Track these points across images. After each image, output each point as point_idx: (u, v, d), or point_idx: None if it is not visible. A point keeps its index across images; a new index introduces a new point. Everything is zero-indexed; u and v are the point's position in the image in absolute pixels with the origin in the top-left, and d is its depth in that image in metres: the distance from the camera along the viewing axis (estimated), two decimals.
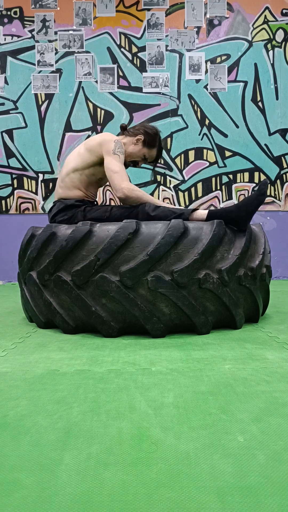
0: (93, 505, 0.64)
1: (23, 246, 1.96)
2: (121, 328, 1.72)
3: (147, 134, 2.11)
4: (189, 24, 3.79)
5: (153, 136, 2.12)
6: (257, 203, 1.79)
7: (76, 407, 1.00)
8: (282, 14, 3.80)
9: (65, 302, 1.74)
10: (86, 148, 2.03)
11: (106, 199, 3.83)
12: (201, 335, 1.72)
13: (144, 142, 2.11)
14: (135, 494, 0.66)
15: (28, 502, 0.65)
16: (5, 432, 0.88)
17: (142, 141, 2.11)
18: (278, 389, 1.10)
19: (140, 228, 1.69)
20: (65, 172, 2.07)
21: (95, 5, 3.76)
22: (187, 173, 3.84)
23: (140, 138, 2.11)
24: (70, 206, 2.02)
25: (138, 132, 2.12)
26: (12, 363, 1.36)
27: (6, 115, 3.80)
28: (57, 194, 2.12)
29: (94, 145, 2.01)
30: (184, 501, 0.64)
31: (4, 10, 3.77)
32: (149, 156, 2.16)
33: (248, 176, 3.84)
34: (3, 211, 3.82)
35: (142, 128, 2.13)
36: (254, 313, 1.91)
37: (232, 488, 0.67)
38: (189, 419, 0.93)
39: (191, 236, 1.68)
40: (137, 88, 3.80)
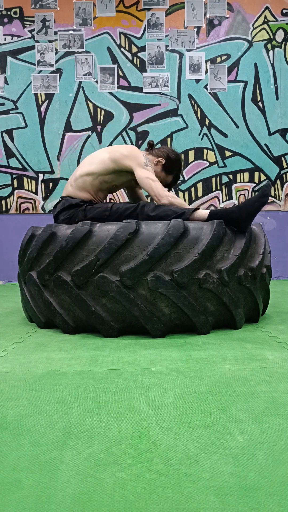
0: (93, 505, 0.64)
1: (23, 246, 1.96)
2: (121, 328, 1.72)
3: (168, 159, 2.16)
4: (189, 24, 3.79)
5: (174, 163, 2.17)
6: (258, 205, 1.79)
7: (76, 407, 1.00)
8: (282, 14, 3.80)
9: (65, 302, 1.74)
10: (111, 157, 2.05)
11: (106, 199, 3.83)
12: (201, 335, 1.72)
13: (164, 166, 2.16)
14: (135, 494, 0.66)
15: (28, 502, 0.65)
16: (5, 432, 0.88)
17: (162, 164, 2.16)
18: (278, 389, 1.10)
19: (140, 228, 1.69)
20: (79, 173, 2.09)
21: (95, 5, 3.76)
22: (187, 173, 3.84)
23: (161, 161, 2.15)
24: (74, 205, 2.02)
25: (161, 154, 2.16)
26: (12, 363, 1.36)
27: (6, 115, 3.80)
28: (66, 191, 2.13)
29: (121, 157, 2.04)
30: (184, 501, 0.64)
31: (4, 10, 3.77)
32: (164, 180, 2.20)
33: (248, 176, 3.84)
34: (3, 211, 3.82)
35: (166, 151, 2.18)
36: (254, 313, 1.91)
37: (232, 488, 0.67)
38: (189, 419, 0.93)
39: (191, 236, 1.68)
40: (137, 88, 3.80)
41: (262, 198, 1.79)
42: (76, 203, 2.02)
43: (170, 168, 2.18)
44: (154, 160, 2.15)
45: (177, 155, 2.20)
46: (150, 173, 2.01)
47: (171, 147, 2.26)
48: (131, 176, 2.09)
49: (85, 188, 2.08)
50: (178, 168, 2.21)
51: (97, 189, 2.10)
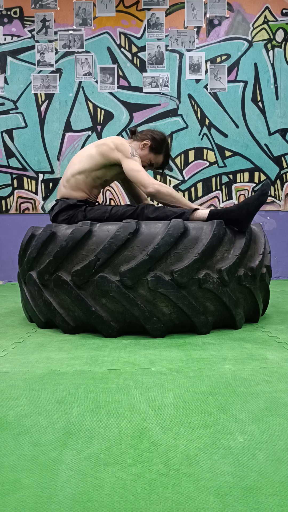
0: (93, 505, 0.64)
1: (23, 246, 1.96)
2: (121, 328, 1.72)
3: (154, 139, 2.12)
4: (189, 24, 3.79)
5: (160, 142, 2.13)
6: (258, 203, 1.79)
7: (76, 407, 1.00)
8: (282, 14, 3.79)
9: (65, 302, 1.74)
10: (99, 152, 2.03)
11: (106, 199, 3.83)
12: (201, 335, 1.72)
13: (151, 147, 2.12)
14: (135, 494, 0.66)
15: (28, 502, 0.65)
16: (5, 432, 0.88)
17: (148, 146, 2.11)
18: (278, 389, 1.10)
19: (140, 228, 1.69)
20: (70, 173, 2.07)
21: (95, 5, 3.76)
22: (187, 173, 3.84)
23: (147, 143, 2.11)
24: (72, 206, 2.02)
25: (145, 137, 2.13)
26: (12, 363, 1.36)
27: (6, 115, 3.79)
28: (60, 192, 2.12)
29: (108, 150, 2.02)
30: (184, 501, 0.64)
31: (4, 10, 3.77)
32: (155, 162, 2.16)
33: (248, 176, 3.84)
34: (3, 211, 3.82)
35: (149, 133, 2.14)
36: (254, 313, 1.91)
37: (232, 488, 0.67)
38: (189, 419, 0.93)
39: (191, 236, 1.68)
40: (137, 88, 3.80)
41: (261, 197, 1.79)
42: (73, 203, 2.01)
43: (158, 148, 2.13)
44: (139, 145, 2.12)
45: (162, 134, 2.16)
46: (134, 164, 1.98)
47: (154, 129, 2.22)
48: (121, 168, 2.06)
49: (79, 187, 2.06)
50: (165, 146, 2.16)
51: (91, 187, 2.09)
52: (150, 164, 2.17)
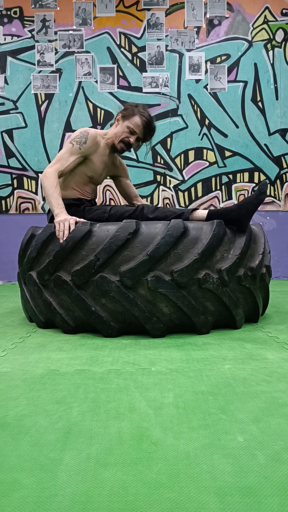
0: (93, 505, 0.64)
1: (23, 246, 1.96)
2: (121, 328, 1.72)
3: (123, 109, 2.07)
4: (189, 24, 3.79)
5: (130, 108, 2.05)
6: (257, 202, 1.80)
7: (76, 407, 1.00)
8: (282, 14, 3.80)
9: (65, 302, 1.74)
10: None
11: (106, 199, 3.83)
12: (201, 335, 1.72)
13: (123, 116, 2.04)
14: (135, 494, 0.66)
15: (28, 502, 0.65)
16: (5, 432, 0.88)
17: (121, 117, 2.06)
18: (278, 389, 1.10)
19: (140, 228, 1.68)
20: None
21: (95, 5, 3.76)
22: (187, 173, 3.84)
23: (118, 117, 2.07)
24: (67, 206, 2.02)
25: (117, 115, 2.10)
26: (12, 363, 1.36)
27: (6, 115, 3.79)
28: None
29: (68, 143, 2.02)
30: (184, 501, 0.64)
31: (4, 10, 3.77)
32: (134, 125, 2.02)
33: (248, 176, 3.84)
34: (3, 211, 3.82)
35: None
36: (254, 313, 1.91)
37: (232, 488, 0.67)
38: (189, 419, 0.93)
39: (191, 236, 1.68)
40: (137, 88, 3.80)
41: (260, 196, 1.80)
42: (69, 203, 2.01)
43: (129, 112, 2.03)
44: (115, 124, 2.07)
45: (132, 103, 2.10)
46: (61, 151, 1.99)
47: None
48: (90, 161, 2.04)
49: (68, 186, 2.06)
50: (137, 108, 2.04)
51: (80, 183, 2.07)
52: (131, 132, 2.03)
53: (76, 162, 1.99)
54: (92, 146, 2.00)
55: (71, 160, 1.97)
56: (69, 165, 1.97)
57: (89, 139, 1.98)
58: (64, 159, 1.96)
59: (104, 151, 2.08)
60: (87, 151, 1.99)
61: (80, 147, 1.97)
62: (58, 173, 1.94)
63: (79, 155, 1.98)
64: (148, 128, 2.04)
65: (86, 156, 2.01)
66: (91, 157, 2.03)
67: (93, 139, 2.00)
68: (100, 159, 2.07)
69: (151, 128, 2.06)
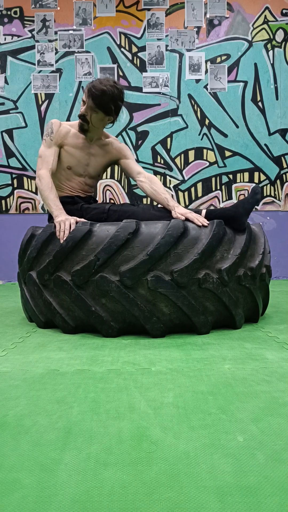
0: (93, 505, 0.64)
1: (23, 246, 1.96)
2: (121, 328, 1.72)
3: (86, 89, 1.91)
4: (189, 24, 3.79)
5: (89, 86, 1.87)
6: (253, 201, 1.84)
7: (76, 407, 1.00)
8: (282, 14, 3.80)
9: (65, 302, 1.74)
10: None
11: (106, 199, 3.83)
12: (201, 335, 1.72)
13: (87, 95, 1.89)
14: (134, 494, 0.66)
15: (28, 502, 0.65)
16: (5, 432, 0.88)
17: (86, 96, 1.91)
18: (278, 389, 1.10)
19: (140, 228, 1.69)
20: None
21: (95, 5, 3.76)
22: (187, 173, 3.84)
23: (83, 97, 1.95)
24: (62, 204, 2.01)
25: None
26: (12, 363, 1.36)
27: (6, 115, 3.79)
28: None
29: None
30: (183, 501, 0.64)
31: (4, 10, 3.77)
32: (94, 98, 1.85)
33: (248, 176, 3.84)
34: (3, 211, 3.82)
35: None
36: (253, 313, 1.91)
37: (232, 488, 0.67)
38: (188, 419, 0.93)
39: (191, 236, 1.68)
40: (137, 88, 3.80)
41: (255, 195, 1.85)
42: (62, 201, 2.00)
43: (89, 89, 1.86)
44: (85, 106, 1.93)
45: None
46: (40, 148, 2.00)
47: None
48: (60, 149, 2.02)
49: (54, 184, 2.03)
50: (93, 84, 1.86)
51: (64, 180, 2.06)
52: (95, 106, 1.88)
53: (56, 153, 1.99)
54: (59, 131, 1.98)
55: (52, 153, 1.97)
56: (54, 159, 1.98)
57: (53, 127, 1.98)
58: (47, 157, 1.96)
59: (76, 138, 2.02)
60: (58, 138, 1.98)
61: (51, 138, 1.98)
62: (49, 172, 1.95)
63: (54, 146, 1.98)
64: (93, 93, 1.83)
65: (60, 145, 2.00)
66: (63, 146, 2.01)
67: (57, 126, 1.98)
68: (74, 146, 2.02)
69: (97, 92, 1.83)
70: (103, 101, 1.85)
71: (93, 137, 2.04)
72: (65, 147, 2.01)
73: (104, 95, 1.84)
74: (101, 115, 1.93)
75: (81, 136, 2.03)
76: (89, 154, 2.07)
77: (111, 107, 1.88)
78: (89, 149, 2.06)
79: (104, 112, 1.90)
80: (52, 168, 1.97)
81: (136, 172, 2.08)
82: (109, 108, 1.88)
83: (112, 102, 1.87)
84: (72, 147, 2.02)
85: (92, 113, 1.92)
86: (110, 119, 1.98)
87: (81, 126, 1.97)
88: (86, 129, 1.98)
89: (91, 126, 1.97)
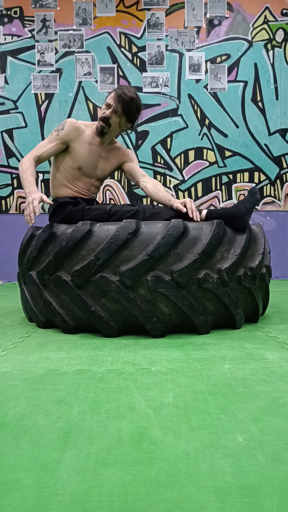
0: (93, 505, 0.64)
1: (23, 246, 1.96)
2: (121, 328, 1.72)
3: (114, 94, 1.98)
4: (189, 24, 3.79)
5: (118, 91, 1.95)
6: (253, 200, 1.85)
7: (76, 407, 1.00)
8: (282, 14, 3.79)
9: (65, 302, 1.74)
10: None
11: (106, 199, 3.83)
12: (201, 335, 1.72)
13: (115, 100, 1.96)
14: (134, 494, 0.66)
15: (27, 502, 0.65)
16: (5, 432, 0.88)
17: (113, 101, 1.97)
18: (278, 389, 1.10)
19: (140, 228, 1.68)
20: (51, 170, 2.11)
21: (95, 5, 3.76)
22: (187, 173, 3.84)
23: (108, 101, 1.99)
24: (64, 204, 2.02)
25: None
26: (12, 363, 1.36)
27: (6, 115, 3.79)
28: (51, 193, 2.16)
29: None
30: (183, 501, 0.64)
31: (4, 10, 3.77)
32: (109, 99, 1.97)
33: (248, 176, 3.84)
34: (3, 211, 3.82)
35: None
36: (253, 313, 1.91)
37: (232, 488, 0.67)
38: (188, 419, 0.93)
39: (191, 236, 1.68)
40: (137, 88, 3.80)
41: (254, 195, 1.86)
42: (64, 201, 2.01)
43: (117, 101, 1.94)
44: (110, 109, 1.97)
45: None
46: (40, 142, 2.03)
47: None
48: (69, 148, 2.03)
49: (60, 183, 2.06)
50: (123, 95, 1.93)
51: (71, 179, 2.06)
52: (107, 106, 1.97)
53: (55, 148, 2.00)
54: (70, 131, 1.99)
55: (49, 147, 1.99)
56: (47, 151, 1.98)
57: (66, 125, 1.99)
58: (42, 146, 1.99)
59: (91, 139, 2.03)
60: (65, 136, 1.98)
61: (58, 133, 1.99)
62: (34, 158, 1.96)
63: (58, 142, 1.99)
64: (123, 99, 1.92)
65: (67, 143, 2.00)
66: (73, 145, 2.01)
67: (72, 125, 1.99)
68: (87, 147, 2.02)
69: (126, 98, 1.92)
70: (131, 108, 1.95)
71: (106, 141, 2.08)
72: (75, 146, 2.02)
73: (133, 103, 1.94)
74: (124, 121, 2.00)
75: (95, 138, 2.05)
76: (100, 157, 2.09)
77: (136, 115, 2.00)
78: (100, 152, 2.09)
79: (128, 118, 1.99)
80: (40, 157, 1.99)
81: (141, 175, 2.14)
82: (134, 116, 1.99)
83: (137, 111, 1.99)
84: (85, 147, 2.03)
85: (117, 118, 1.97)
86: (128, 126, 2.05)
87: (101, 128, 1.99)
88: (106, 132, 2.01)
89: (110, 130, 2.01)
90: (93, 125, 2.07)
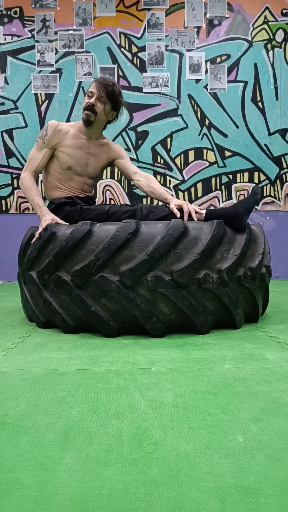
0: (93, 505, 0.64)
1: (23, 246, 1.96)
2: (121, 328, 1.72)
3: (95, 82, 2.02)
4: (189, 24, 3.79)
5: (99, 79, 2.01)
6: (252, 201, 1.84)
7: (75, 407, 1.00)
8: (282, 14, 3.79)
9: (65, 302, 1.74)
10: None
11: (106, 199, 3.83)
12: (201, 335, 1.72)
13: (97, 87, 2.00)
14: (134, 494, 0.66)
15: (27, 502, 0.65)
16: (5, 432, 0.88)
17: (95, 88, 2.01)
18: (278, 389, 1.10)
19: (140, 228, 1.68)
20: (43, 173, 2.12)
21: (95, 5, 3.76)
22: (187, 173, 3.84)
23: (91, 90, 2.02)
24: (61, 205, 2.02)
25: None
26: (12, 363, 1.36)
27: (6, 115, 3.79)
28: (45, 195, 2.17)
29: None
30: (183, 501, 0.64)
31: (4, 10, 3.77)
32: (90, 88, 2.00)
33: (248, 176, 3.84)
34: (3, 211, 3.82)
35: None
36: (253, 313, 1.91)
37: (232, 488, 0.67)
38: (188, 419, 0.93)
39: (191, 236, 1.68)
40: (137, 88, 3.80)
41: (255, 195, 1.86)
42: (61, 202, 2.01)
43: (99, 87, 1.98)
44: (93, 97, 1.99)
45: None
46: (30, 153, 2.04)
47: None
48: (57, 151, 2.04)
49: (53, 185, 2.06)
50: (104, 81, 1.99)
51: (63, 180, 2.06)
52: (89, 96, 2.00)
53: (46, 156, 2.02)
54: (54, 134, 2.00)
55: (40, 157, 2.00)
56: (40, 162, 2.00)
57: (49, 129, 2.00)
58: (34, 159, 2.00)
59: (76, 138, 2.04)
60: (50, 141, 2.00)
61: (44, 141, 2.00)
62: (32, 173, 1.99)
63: (46, 148, 2.01)
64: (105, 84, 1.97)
65: (54, 147, 2.02)
66: (59, 147, 2.02)
67: (54, 128, 2.00)
68: (73, 147, 2.03)
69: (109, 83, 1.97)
70: (114, 92, 1.98)
71: (93, 136, 2.06)
72: (63, 148, 2.02)
73: (115, 87, 1.99)
74: (109, 108, 2.02)
75: (81, 136, 2.05)
76: (88, 154, 2.08)
77: (119, 100, 2.02)
78: (89, 149, 2.08)
79: (113, 104, 2.01)
80: (36, 170, 2.01)
81: (132, 172, 2.13)
82: (117, 101, 2.01)
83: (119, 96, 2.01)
84: (71, 147, 2.03)
85: (101, 104, 1.99)
86: (114, 114, 2.06)
87: (87, 117, 1.99)
88: (92, 121, 2.00)
89: (97, 119, 2.01)
90: (77, 124, 2.08)
